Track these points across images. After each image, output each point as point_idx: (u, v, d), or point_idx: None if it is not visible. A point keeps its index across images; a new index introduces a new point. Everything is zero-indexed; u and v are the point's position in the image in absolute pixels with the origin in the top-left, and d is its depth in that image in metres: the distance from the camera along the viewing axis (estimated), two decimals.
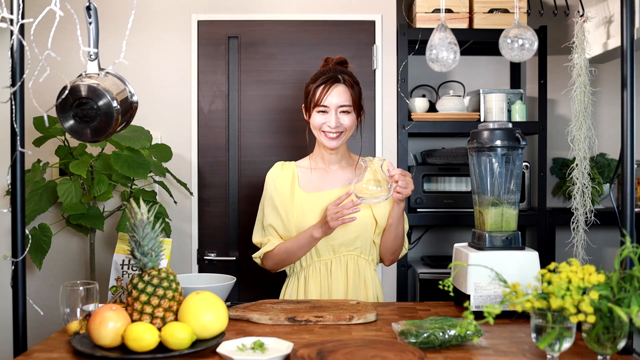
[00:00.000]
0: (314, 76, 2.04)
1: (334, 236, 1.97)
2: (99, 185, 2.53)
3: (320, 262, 2.01)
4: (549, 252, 2.96)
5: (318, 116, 1.99)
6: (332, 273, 2.00)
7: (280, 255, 2.01)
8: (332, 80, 1.97)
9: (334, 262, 2.01)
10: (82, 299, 1.50)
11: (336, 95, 1.97)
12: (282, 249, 2.00)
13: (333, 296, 1.99)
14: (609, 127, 3.29)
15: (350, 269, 2.00)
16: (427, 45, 2.17)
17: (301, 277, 2.03)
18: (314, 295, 1.99)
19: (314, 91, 1.98)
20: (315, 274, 2.00)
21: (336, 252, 2.00)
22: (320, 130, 1.99)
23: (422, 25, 2.90)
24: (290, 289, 2.05)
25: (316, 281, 2.00)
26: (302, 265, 2.03)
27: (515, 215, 1.76)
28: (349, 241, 1.99)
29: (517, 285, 1.28)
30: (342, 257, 2.00)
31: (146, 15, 2.99)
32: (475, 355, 1.33)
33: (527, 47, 2.13)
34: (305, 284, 2.01)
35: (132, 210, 1.44)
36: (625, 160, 1.40)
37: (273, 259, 2.03)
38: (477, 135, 1.76)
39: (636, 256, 1.22)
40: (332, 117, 1.96)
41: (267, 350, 1.31)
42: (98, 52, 1.62)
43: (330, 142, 1.99)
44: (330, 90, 1.96)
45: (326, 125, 1.97)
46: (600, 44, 2.77)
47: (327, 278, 2.00)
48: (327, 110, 1.97)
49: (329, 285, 1.99)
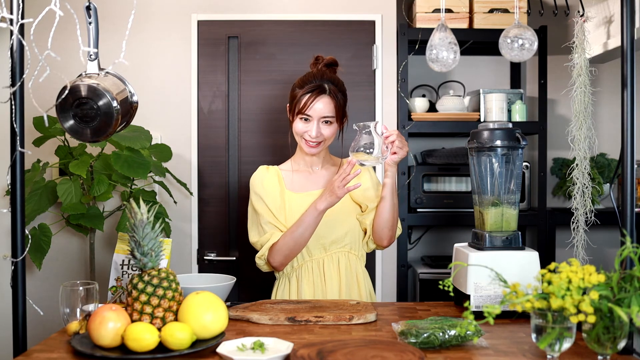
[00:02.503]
0: (301, 80, 2.02)
1: (324, 234, 1.98)
2: (98, 185, 2.53)
3: (312, 262, 2.01)
4: (549, 252, 2.96)
5: (300, 123, 2.00)
6: (325, 271, 2.00)
7: (288, 244, 1.94)
8: (317, 90, 1.97)
9: (326, 260, 2.01)
10: (82, 299, 1.50)
11: (320, 106, 1.97)
12: (287, 236, 1.95)
13: (328, 295, 1.99)
14: (609, 127, 3.29)
15: (342, 266, 2.01)
16: (427, 45, 2.17)
17: (292, 278, 2.03)
18: (307, 295, 1.99)
19: (299, 98, 1.98)
20: (308, 273, 2.00)
21: (327, 250, 2.01)
22: (301, 137, 2.02)
23: (422, 25, 2.90)
24: (282, 291, 2.04)
25: (309, 281, 2.00)
26: (293, 267, 2.02)
27: (515, 215, 1.76)
28: (339, 238, 2.01)
29: (517, 285, 1.27)
30: (333, 254, 2.01)
31: (146, 15, 2.99)
32: (475, 355, 1.33)
33: (527, 47, 2.13)
34: (298, 285, 2.01)
35: (132, 210, 1.44)
36: (625, 160, 1.40)
37: (281, 251, 1.96)
38: (477, 135, 1.76)
39: (636, 256, 1.22)
40: (313, 127, 1.98)
41: (267, 351, 1.31)
42: (98, 52, 1.62)
43: (310, 149, 2.02)
44: (315, 100, 1.97)
45: (307, 134, 1.99)
46: (601, 44, 2.77)
47: (320, 277, 2.00)
48: (310, 119, 1.98)
49: (322, 284, 1.99)
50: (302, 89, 1.99)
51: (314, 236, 1.97)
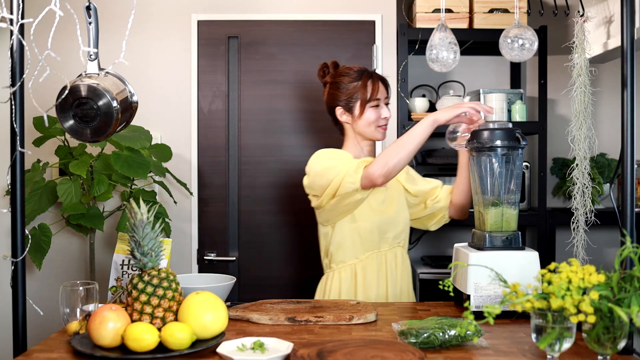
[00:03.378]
0: (350, 75, 2.05)
1: (389, 229, 2.03)
2: (98, 185, 2.53)
3: (379, 255, 2.04)
4: (549, 252, 2.96)
5: (372, 112, 2.03)
6: (387, 265, 2.05)
7: (392, 150, 1.83)
8: (371, 73, 2.05)
9: (389, 254, 2.06)
10: (82, 299, 1.50)
11: (382, 87, 2.05)
12: (392, 146, 1.85)
13: (389, 289, 2.03)
14: (609, 127, 3.29)
15: (399, 259, 2.08)
16: (427, 45, 2.17)
17: (359, 272, 2.03)
18: (372, 288, 2.01)
19: (364, 88, 2.02)
20: (372, 268, 2.03)
21: (390, 245, 2.06)
22: (375, 126, 2.04)
23: (422, 25, 2.90)
24: (344, 286, 2.03)
25: (373, 274, 2.02)
26: (358, 258, 2.03)
27: (515, 215, 1.76)
28: (398, 232, 2.07)
29: (517, 285, 1.27)
30: (393, 249, 2.07)
31: (146, 15, 2.99)
32: (475, 355, 1.33)
33: (527, 47, 2.13)
34: (364, 276, 2.02)
35: (132, 210, 1.44)
36: (625, 160, 1.40)
37: (384, 159, 1.83)
38: (477, 135, 1.76)
39: (636, 256, 1.22)
40: (384, 108, 2.05)
41: (267, 351, 1.31)
42: (98, 52, 1.62)
43: (384, 133, 2.07)
44: (377, 83, 2.03)
45: (381, 118, 2.04)
46: (601, 44, 2.77)
47: (384, 270, 2.04)
48: (379, 102, 2.04)
49: (385, 277, 2.04)
50: (361, 79, 2.03)
51: (378, 231, 2.01)
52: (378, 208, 2.02)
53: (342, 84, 2.06)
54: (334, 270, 2.07)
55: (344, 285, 2.03)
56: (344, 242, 2.03)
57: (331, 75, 2.11)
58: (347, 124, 2.09)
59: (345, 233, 2.02)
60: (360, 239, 2.02)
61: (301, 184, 2.07)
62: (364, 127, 2.05)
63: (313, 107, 3.00)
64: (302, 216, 2.98)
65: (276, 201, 3.01)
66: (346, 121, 2.08)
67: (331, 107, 2.10)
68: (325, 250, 2.09)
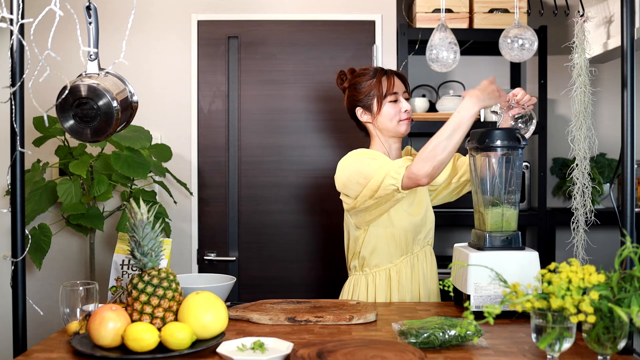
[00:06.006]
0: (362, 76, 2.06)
1: (420, 230, 2.03)
2: (98, 185, 2.53)
3: (413, 257, 2.04)
4: (549, 252, 2.96)
5: (391, 107, 2.03)
6: (419, 266, 2.05)
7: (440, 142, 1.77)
8: (385, 70, 2.05)
9: (420, 255, 2.06)
10: (82, 299, 1.50)
11: (398, 82, 2.05)
12: (434, 141, 1.79)
13: (421, 288, 2.03)
14: (609, 127, 3.29)
15: (428, 260, 2.08)
16: (427, 45, 2.18)
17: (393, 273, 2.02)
18: (406, 289, 2.01)
19: (379, 83, 2.02)
20: (407, 269, 2.03)
21: (421, 245, 2.06)
22: (397, 120, 2.04)
23: (422, 25, 2.90)
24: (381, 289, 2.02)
25: (407, 278, 2.02)
26: (392, 262, 2.02)
27: (515, 215, 1.76)
28: (427, 233, 2.08)
29: (517, 285, 1.27)
30: (423, 249, 2.07)
31: (146, 15, 2.99)
32: (475, 355, 1.33)
33: (527, 47, 2.13)
34: (399, 280, 2.01)
35: (132, 210, 1.44)
36: (625, 160, 1.40)
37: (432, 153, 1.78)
38: (477, 135, 1.76)
39: (636, 256, 1.22)
40: (403, 102, 2.04)
41: (267, 351, 1.31)
42: (98, 52, 1.62)
43: (407, 126, 2.05)
44: (392, 77, 2.03)
45: (401, 112, 2.03)
46: (601, 44, 2.77)
47: (417, 271, 2.04)
48: (397, 96, 2.03)
49: (418, 277, 2.04)
50: (376, 77, 2.04)
51: (412, 233, 2.01)
52: (409, 210, 2.01)
53: (358, 85, 2.06)
54: (367, 274, 2.05)
55: (378, 290, 2.02)
56: (379, 247, 2.01)
57: (348, 80, 2.10)
58: (368, 124, 2.08)
59: (380, 237, 2.00)
60: (394, 243, 2.00)
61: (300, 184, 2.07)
62: (385, 122, 2.03)
63: (313, 107, 3.00)
64: (302, 216, 2.98)
65: (276, 201, 3.01)
66: (367, 121, 2.07)
67: (352, 109, 2.09)
68: (356, 253, 2.06)
